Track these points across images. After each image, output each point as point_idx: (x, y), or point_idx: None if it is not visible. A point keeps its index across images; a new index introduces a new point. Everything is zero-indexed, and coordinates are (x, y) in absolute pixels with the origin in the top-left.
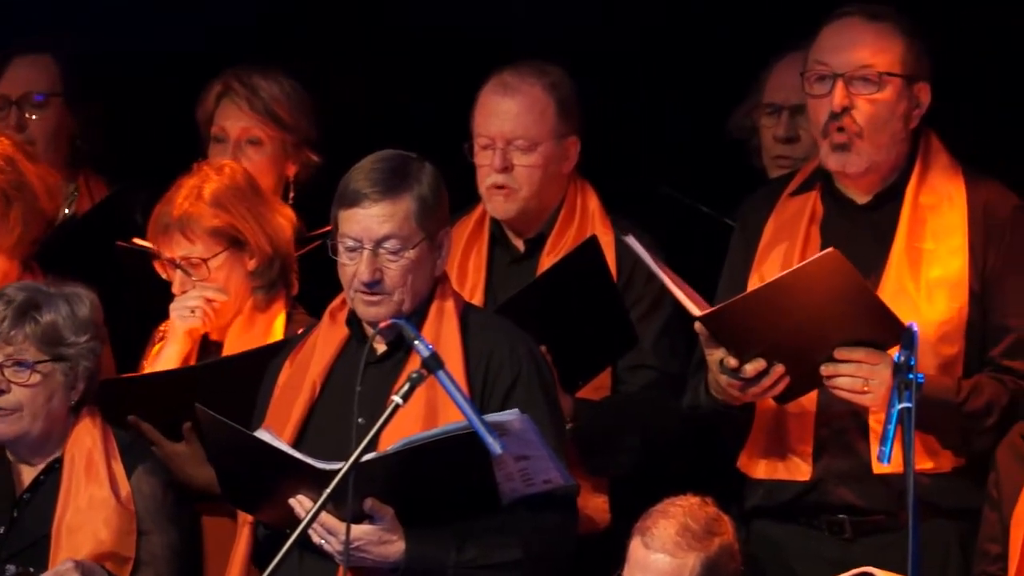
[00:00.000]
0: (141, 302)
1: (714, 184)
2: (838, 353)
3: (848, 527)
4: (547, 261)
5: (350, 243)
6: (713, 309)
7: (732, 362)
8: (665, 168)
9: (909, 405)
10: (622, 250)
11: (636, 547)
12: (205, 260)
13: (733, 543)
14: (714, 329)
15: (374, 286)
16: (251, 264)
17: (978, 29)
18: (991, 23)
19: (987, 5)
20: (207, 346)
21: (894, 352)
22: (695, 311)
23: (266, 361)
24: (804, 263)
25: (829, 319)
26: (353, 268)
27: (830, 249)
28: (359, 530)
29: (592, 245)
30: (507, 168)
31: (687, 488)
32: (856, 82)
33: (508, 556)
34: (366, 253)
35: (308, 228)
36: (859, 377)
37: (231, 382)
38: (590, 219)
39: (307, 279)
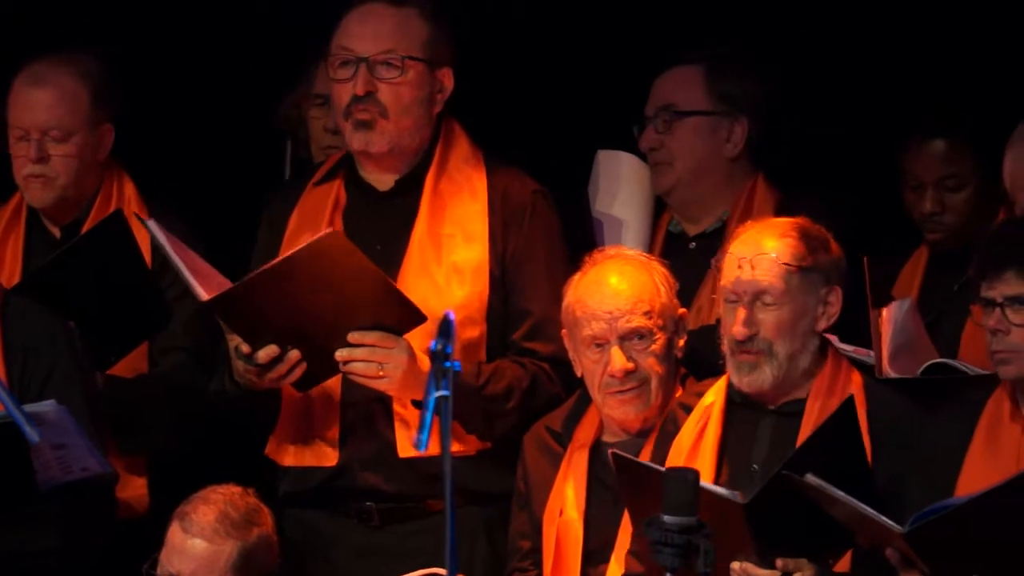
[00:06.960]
0: None
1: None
2: (351, 337)
3: (375, 514)
4: None
5: None
6: (217, 294)
7: (245, 348)
8: (211, 158)
9: (446, 393)
10: None
11: (174, 531)
12: None
13: (272, 535)
14: (224, 315)
15: None
16: None
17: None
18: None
19: None
20: None
21: (417, 337)
22: (203, 295)
23: None
24: (304, 244)
25: (341, 303)
26: None
27: (330, 229)
28: None
29: (117, 218)
30: (43, 158)
31: (231, 475)
32: (379, 67)
33: (45, 544)
34: None
35: None
36: (374, 361)
37: None
38: (127, 205)
39: None
